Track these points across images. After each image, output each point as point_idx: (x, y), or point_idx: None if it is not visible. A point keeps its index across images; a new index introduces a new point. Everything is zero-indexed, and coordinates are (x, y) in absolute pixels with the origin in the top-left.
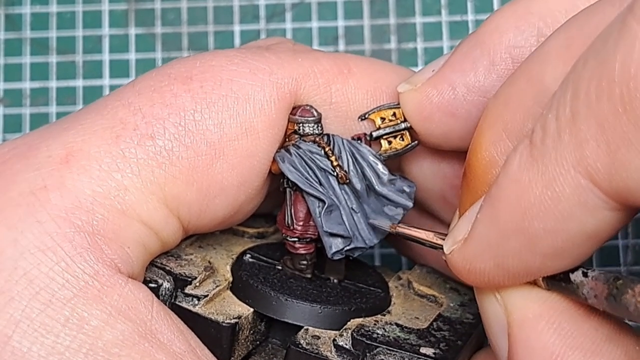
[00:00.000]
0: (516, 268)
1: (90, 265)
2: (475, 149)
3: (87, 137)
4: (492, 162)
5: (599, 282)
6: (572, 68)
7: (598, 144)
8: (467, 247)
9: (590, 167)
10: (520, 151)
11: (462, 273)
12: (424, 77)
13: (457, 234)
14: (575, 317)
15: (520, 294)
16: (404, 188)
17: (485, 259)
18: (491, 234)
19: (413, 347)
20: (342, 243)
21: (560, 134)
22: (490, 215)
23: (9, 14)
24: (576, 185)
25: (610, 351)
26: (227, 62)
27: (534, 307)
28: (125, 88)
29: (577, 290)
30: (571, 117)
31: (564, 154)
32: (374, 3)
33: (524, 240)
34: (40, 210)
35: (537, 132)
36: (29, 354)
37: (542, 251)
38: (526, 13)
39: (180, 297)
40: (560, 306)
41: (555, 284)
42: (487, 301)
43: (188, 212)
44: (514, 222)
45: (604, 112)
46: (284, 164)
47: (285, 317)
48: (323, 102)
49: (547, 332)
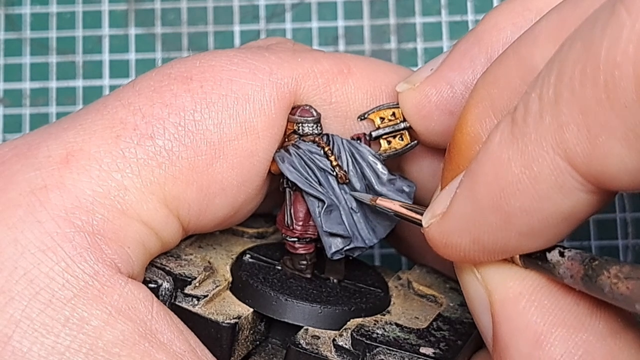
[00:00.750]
0: (492, 245)
1: (90, 265)
2: (461, 125)
3: (87, 137)
4: (476, 138)
5: (575, 262)
6: (559, 49)
7: (579, 129)
8: (444, 221)
9: (569, 150)
10: (502, 128)
11: (439, 247)
12: (422, 76)
13: (436, 208)
14: (555, 293)
15: (500, 273)
16: (404, 188)
17: (461, 234)
18: (468, 209)
19: (413, 346)
20: (341, 243)
21: (542, 114)
22: (469, 190)
23: (9, 14)
24: (554, 167)
25: (593, 325)
26: (227, 62)
27: (514, 286)
28: (125, 88)
29: (554, 269)
30: (554, 99)
31: (544, 135)
32: (374, 3)
33: (500, 218)
34: (41, 210)
35: (519, 110)
36: (29, 354)
37: (518, 229)
38: (523, 10)
39: (180, 297)
40: (539, 283)
41: (532, 262)
42: (468, 280)
43: (188, 212)
44: (491, 199)
45: (587, 98)
46: (283, 164)
47: (285, 317)
48: (323, 102)
49: (528, 310)
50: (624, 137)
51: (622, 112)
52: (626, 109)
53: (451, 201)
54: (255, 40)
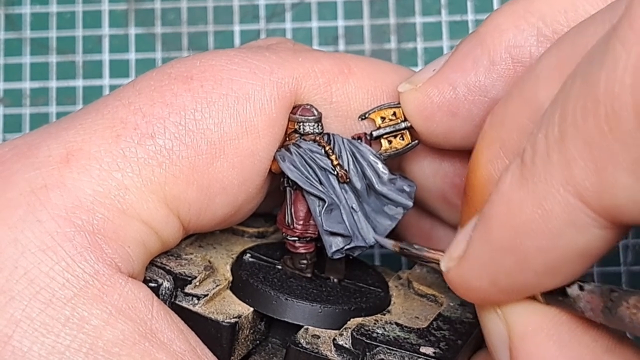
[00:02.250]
0: (511, 286)
1: (90, 265)
2: (474, 167)
3: (87, 137)
4: (489, 179)
5: (594, 296)
6: (561, 88)
7: (586, 163)
8: (462, 265)
9: (579, 186)
10: (512, 170)
11: (459, 290)
12: (424, 76)
13: (453, 251)
14: (574, 329)
15: (520, 309)
16: (404, 187)
17: (480, 277)
18: (484, 252)
19: (413, 346)
20: (342, 242)
21: (549, 153)
22: (484, 233)
23: (9, 14)
24: (565, 204)
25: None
26: (228, 62)
27: (533, 321)
28: (125, 88)
29: (574, 304)
30: (559, 137)
31: (553, 173)
32: (374, 3)
33: (516, 259)
34: (41, 209)
35: (527, 152)
36: (29, 353)
37: (535, 269)
38: (526, 12)
39: (180, 297)
40: (559, 319)
41: (553, 298)
42: (488, 317)
43: (188, 211)
44: (506, 240)
45: (590, 131)
46: (284, 163)
47: (285, 316)
48: (323, 101)
49: (546, 344)
50: (629, 167)
51: (625, 142)
52: (629, 138)
53: (467, 245)
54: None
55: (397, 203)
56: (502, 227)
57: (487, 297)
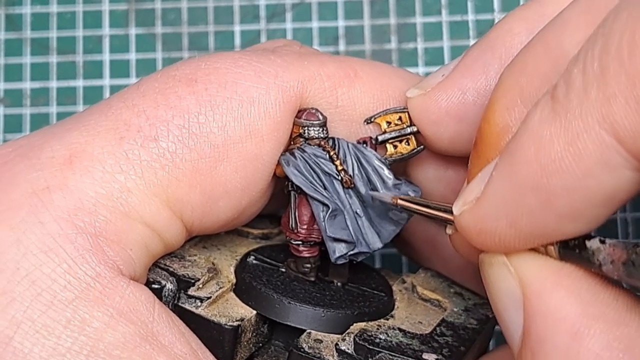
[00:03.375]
0: (530, 228)
1: (92, 267)
2: (488, 117)
3: (90, 139)
4: (505, 128)
5: (617, 249)
6: (602, 22)
7: (627, 101)
8: (479, 206)
9: (616, 124)
10: (542, 106)
11: (472, 234)
12: (433, 82)
13: (468, 195)
14: (594, 286)
15: (535, 264)
16: (409, 193)
17: (498, 218)
18: (507, 190)
19: (415, 352)
20: (345, 248)
21: (587, 88)
22: (508, 171)
23: (9, 14)
24: (600, 142)
25: (632, 320)
26: (232, 65)
27: (551, 277)
28: (129, 89)
29: (593, 256)
30: (600, 72)
31: (589, 110)
32: (374, 3)
33: (541, 198)
34: (43, 211)
35: (560, 87)
36: (30, 355)
37: (558, 211)
38: (538, 16)
39: (183, 299)
40: (577, 275)
41: (569, 252)
42: (497, 273)
43: (191, 214)
44: (532, 178)
45: (636, 67)
46: (288, 167)
47: (288, 320)
48: (329, 105)
49: (567, 301)
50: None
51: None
52: None
53: (486, 184)
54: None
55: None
56: (528, 165)
57: (502, 241)
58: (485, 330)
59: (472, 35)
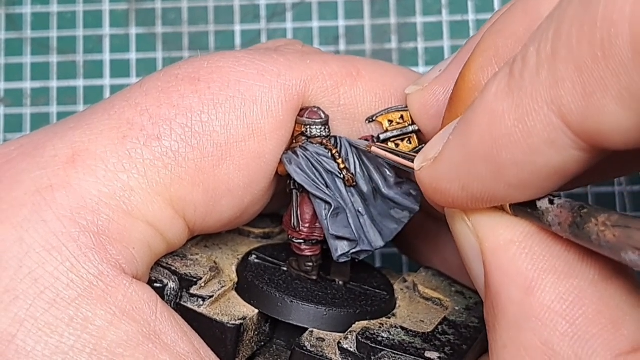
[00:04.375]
0: (481, 193)
1: (95, 266)
2: (464, 73)
3: (93, 137)
4: (477, 86)
5: (564, 210)
6: (558, 5)
7: (574, 86)
8: (435, 166)
9: (563, 107)
10: (499, 80)
11: (428, 191)
12: (430, 77)
13: (429, 152)
14: (545, 240)
15: (490, 221)
16: (411, 191)
17: (451, 181)
18: (460, 157)
19: (418, 351)
20: (347, 246)
21: (539, 69)
22: (461, 138)
23: (10, 13)
24: (548, 123)
25: (584, 272)
26: (235, 64)
27: (504, 234)
28: (132, 88)
29: (543, 217)
30: (551, 55)
31: (539, 90)
32: (375, 3)
33: (490, 168)
34: (46, 209)
35: (517, 63)
36: (33, 353)
37: (507, 181)
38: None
39: (186, 298)
40: (530, 231)
41: (522, 210)
42: (459, 229)
43: (194, 213)
44: (483, 148)
45: (583, 55)
46: (290, 165)
47: (290, 318)
48: (331, 104)
49: (519, 257)
50: (618, 95)
51: (617, 70)
52: (621, 67)
53: (443, 147)
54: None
55: (404, 207)
56: (481, 135)
57: (455, 201)
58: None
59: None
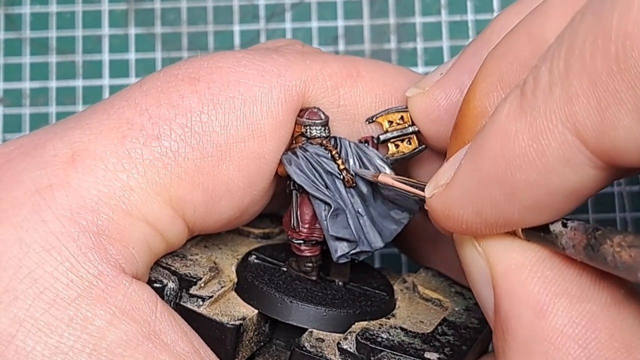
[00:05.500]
0: (495, 218)
1: (94, 266)
2: (469, 99)
3: (93, 137)
4: (483, 112)
5: (578, 232)
6: (569, 23)
7: (589, 101)
8: (448, 192)
9: (578, 124)
10: (510, 101)
11: (440, 218)
12: (432, 80)
13: (440, 178)
14: (557, 265)
15: (501, 245)
16: None
17: (464, 206)
18: (473, 181)
19: (417, 351)
20: (347, 247)
21: (552, 87)
22: (474, 162)
23: (9, 13)
24: (562, 141)
25: (596, 295)
26: (235, 64)
27: (516, 258)
28: (132, 88)
29: (556, 240)
30: (564, 72)
31: (553, 108)
32: (374, 3)
33: (504, 191)
34: (46, 209)
35: (528, 83)
36: (32, 353)
37: (522, 203)
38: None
39: (185, 298)
40: (541, 255)
41: (534, 234)
42: (468, 253)
43: (193, 213)
44: (496, 171)
45: (597, 69)
46: (290, 166)
47: (289, 319)
48: (331, 104)
49: (531, 280)
50: (633, 108)
51: (633, 83)
52: (637, 79)
53: (455, 172)
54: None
55: (404, 208)
56: (494, 158)
57: (468, 227)
58: (486, 329)
59: (472, 35)
